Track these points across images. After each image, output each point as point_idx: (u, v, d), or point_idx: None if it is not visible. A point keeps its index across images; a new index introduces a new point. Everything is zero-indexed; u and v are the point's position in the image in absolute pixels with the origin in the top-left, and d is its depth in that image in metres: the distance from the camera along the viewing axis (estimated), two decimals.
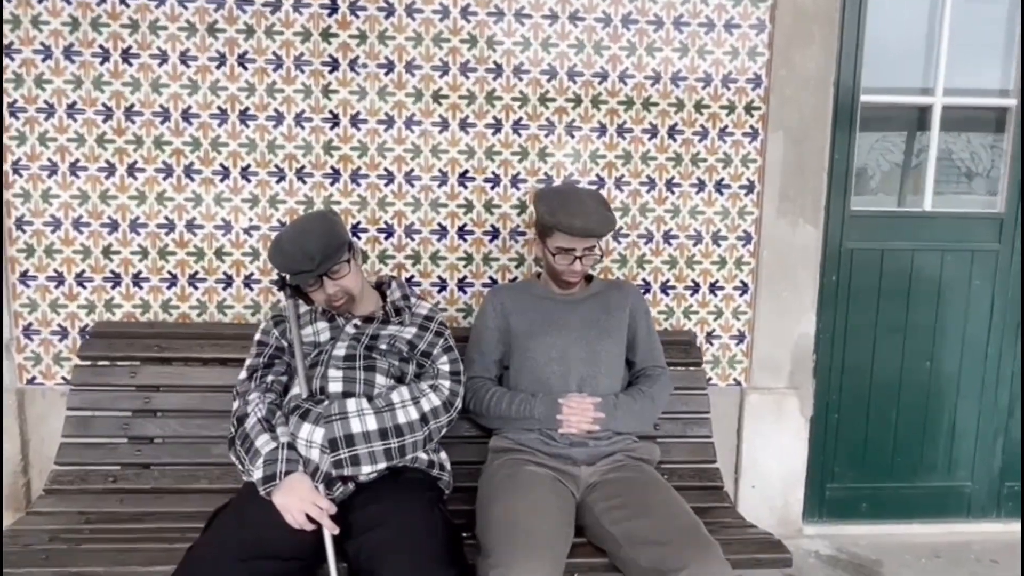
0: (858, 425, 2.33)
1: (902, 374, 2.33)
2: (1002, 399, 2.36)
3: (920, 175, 2.29)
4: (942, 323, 2.31)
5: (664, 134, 2.13)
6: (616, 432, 1.65)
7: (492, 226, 2.12)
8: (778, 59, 2.11)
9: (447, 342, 1.66)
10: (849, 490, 2.36)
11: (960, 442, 2.37)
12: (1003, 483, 2.40)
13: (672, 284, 2.21)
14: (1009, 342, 2.33)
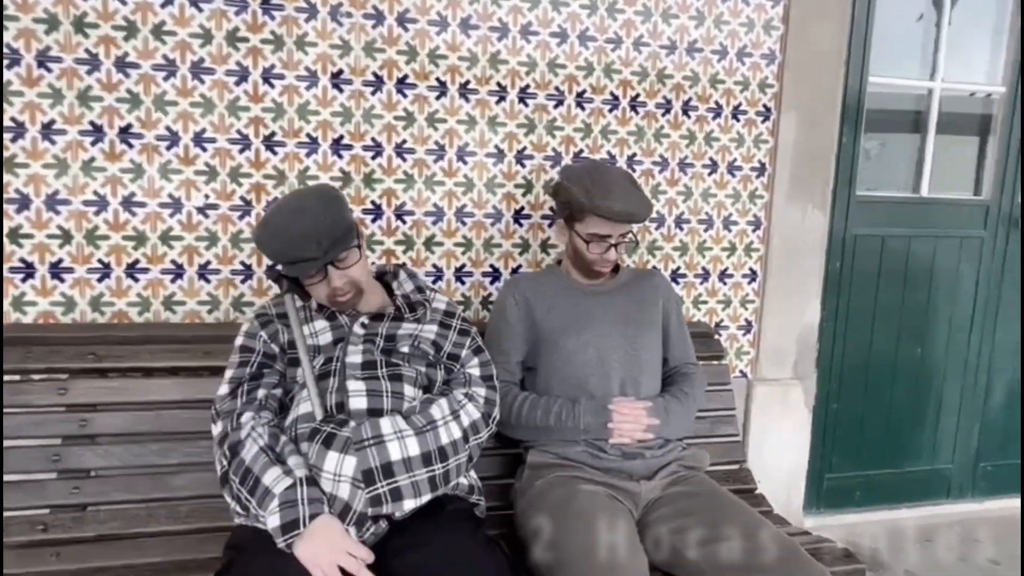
0: (855, 414, 2.31)
1: (896, 361, 2.33)
2: (981, 382, 2.41)
3: (920, 161, 2.28)
4: (933, 309, 2.33)
5: (678, 109, 1.97)
6: (666, 440, 1.47)
7: (494, 207, 1.87)
8: (793, 35, 2.00)
9: (475, 342, 1.41)
10: (845, 479, 2.34)
11: (944, 426, 2.41)
12: (978, 463, 2.47)
13: (683, 272, 2.06)
14: (989, 327, 2.39)
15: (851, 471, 2.34)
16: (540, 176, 1.89)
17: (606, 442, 1.42)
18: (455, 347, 1.37)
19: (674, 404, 1.51)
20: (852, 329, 2.25)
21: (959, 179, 2.37)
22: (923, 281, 2.29)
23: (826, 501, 2.32)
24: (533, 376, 1.58)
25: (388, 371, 1.26)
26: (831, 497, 2.32)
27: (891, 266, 2.26)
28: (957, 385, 2.39)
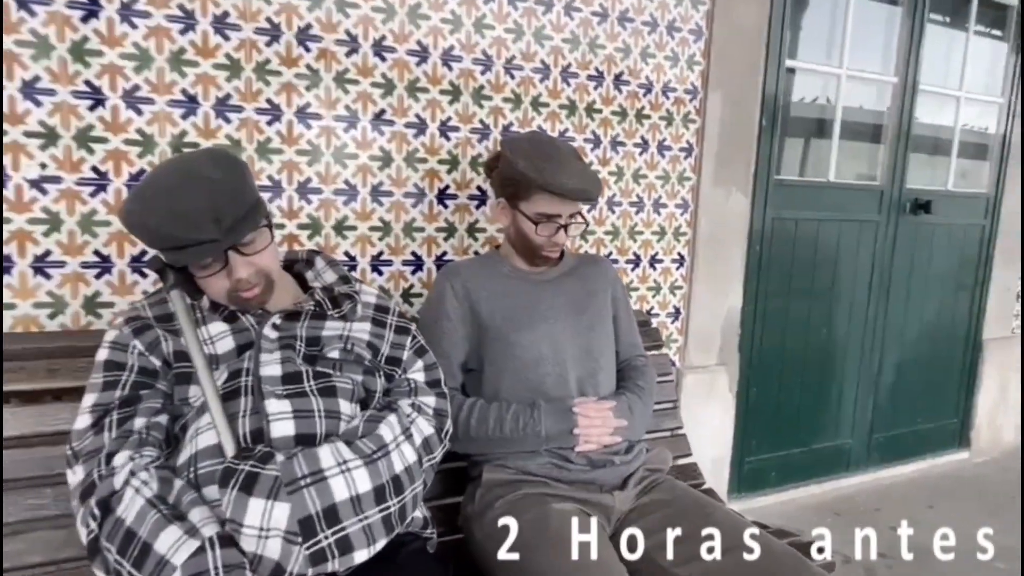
0: (771, 396, 2.33)
1: (806, 343, 2.38)
2: (875, 359, 2.54)
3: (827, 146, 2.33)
4: (837, 291, 2.40)
5: (610, 83, 1.83)
6: (631, 442, 1.33)
7: (416, 186, 1.63)
8: (719, 11, 1.94)
9: (417, 341, 1.17)
10: (762, 461, 2.36)
11: (844, 402, 2.51)
12: (872, 436, 2.60)
13: (615, 257, 1.94)
14: (882, 307, 2.51)
15: (767, 453, 2.36)
16: (467, 151, 1.67)
17: (571, 450, 1.25)
18: (394, 349, 1.13)
19: (635, 402, 1.37)
20: (769, 312, 2.26)
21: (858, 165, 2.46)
22: (829, 264, 2.36)
23: (746, 484, 2.33)
24: (477, 379, 1.37)
25: (317, 384, 1.00)
26: (750, 480, 2.34)
27: (803, 249, 2.29)
28: (855, 363, 2.50)
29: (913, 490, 2.58)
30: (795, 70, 2.16)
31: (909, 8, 2.33)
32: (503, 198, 1.38)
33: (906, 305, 2.56)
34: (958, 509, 2.42)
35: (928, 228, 2.54)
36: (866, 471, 2.59)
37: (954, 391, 2.81)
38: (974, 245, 2.72)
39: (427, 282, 1.67)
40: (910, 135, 2.42)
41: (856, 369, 2.51)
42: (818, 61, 2.22)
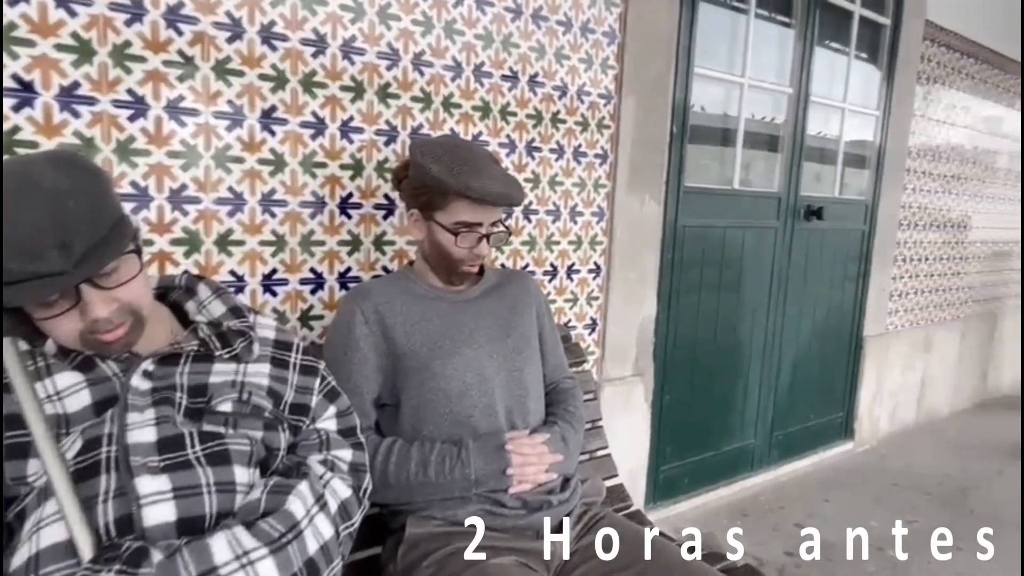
0: (683, 402, 2.33)
1: (715, 348, 2.40)
2: (774, 361, 2.62)
3: (731, 154, 2.36)
4: (743, 296, 2.45)
5: (525, 84, 1.73)
6: (566, 477, 1.23)
7: (314, 194, 1.43)
8: (632, 14, 1.89)
9: (327, 382, 1.00)
10: (676, 468, 2.36)
11: (749, 404, 2.57)
12: (773, 434, 2.69)
13: (531, 269, 1.83)
14: (780, 310, 2.59)
15: (680, 460, 2.36)
16: (372, 155, 1.50)
17: (505, 493, 1.12)
18: (300, 394, 0.95)
19: (568, 431, 1.26)
20: (681, 320, 2.25)
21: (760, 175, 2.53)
22: (735, 270, 2.40)
23: (661, 493, 2.32)
24: (393, 415, 1.21)
25: (205, 449, 0.80)
26: (665, 488, 2.33)
27: (711, 256, 2.31)
28: (758, 365, 2.57)
29: (809, 485, 2.69)
30: (702, 78, 2.15)
31: (800, 32, 2.42)
32: (415, 209, 1.23)
33: (800, 307, 2.66)
34: (850, 500, 2.56)
35: (819, 233, 2.66)
36: (768, 469, 2.67)
37: (840, 386, 2.98)
38: (855, 248, 2.89)
39: (329, 303, 1.48)
40: (803, 145, 2.51)
41: (759, 371, 2.57)
42: (722, 70, 2.24)
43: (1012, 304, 4.11)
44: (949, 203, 3.37)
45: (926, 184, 3.19)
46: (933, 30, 2.96)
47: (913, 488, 2.70)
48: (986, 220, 3.69)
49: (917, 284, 3.30)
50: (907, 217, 3.12)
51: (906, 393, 3.34)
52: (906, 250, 3.17)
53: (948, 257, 3.48)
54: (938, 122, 3.17)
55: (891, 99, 2.82)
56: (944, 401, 3.64)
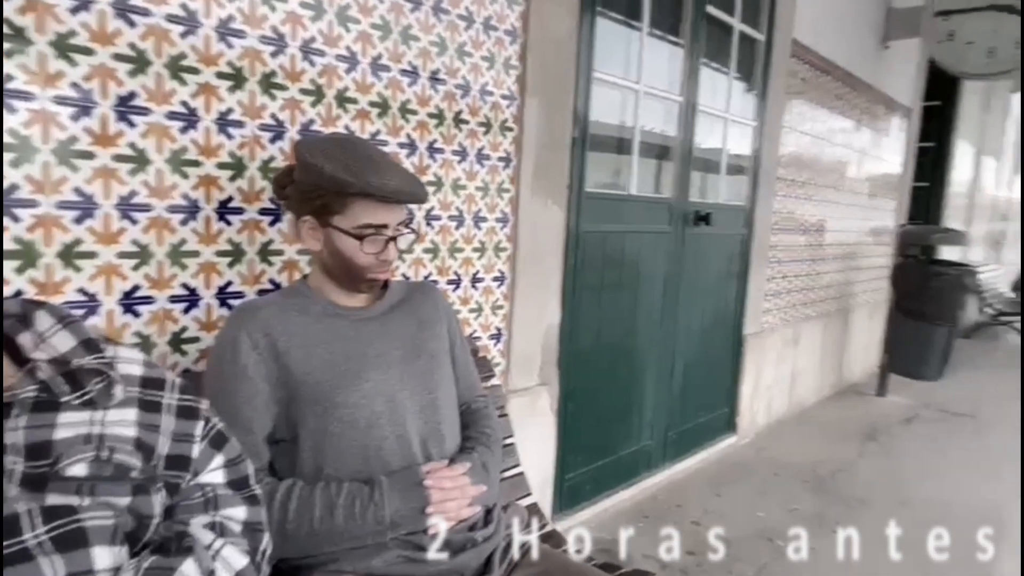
0: (586, 409, 2.31)
1: (615, 352, 2.41)
2: (668, 363, 2.69)
3: (628, 161, 2.37)
4: (639, 300, 2.48)
5: (426, 81, 1.61)
6: (488, 508, 1.13)
7: (186, 197, 1.23)
8: (534, 13, 1.83)
9: (211, 425, 0.83)
10: (580, 475, 2.33)
11: (646, 406, 2.61)
12: (667, 434, 2.75)
13: (434, 279, 1.72)
14: (672, 311, 2.66)
15: (584, 466, 2.34)
16: (255, 153, 1.32)
17: (424, 534, 1.01)
18: (178, 443, 0.78)
19: (488, 457, 1.17)
20: (583, 325, 2.23)
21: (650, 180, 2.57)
22: (632, 275, 2.42)
23: (566, 501, 2.29)
24: (290, 453, 1.06)
25: (51, 530, 0.62)
26: (569, 496, 2.30)
27: (610, 262, 2.31)
28: (654, 367, 2.61)
29: (701, 481, 2.79)
30: (601, 82, 2.14)
31: (688, 47, 2.49)
32: (309, 216, 1.08)
33: (690, 309, 2.75)
34: (739, 494, 2.67)
35: (707, 238, 2.76)
36: (664, 469, 2.73)
37: (725, 383, 3.12)
38: (737, 252, 3.03)
39: (207, 322, 1.28)
40: (692, 154, 2.59)
41: (655, 372, 2.62)
42: (620, 75, 2.24)
43: (860, 300, 4.55)
44: (811, 208, 3.65)
45: (793, 191, 3.43)
46: (798, 48, 3.18)
47: (792, 476, 2.88)
48: (839, 224, 4.04)
49: (787, 284, 3.54)
50: (777, 222, 3.33)
51: (779, 386, 3.57)
52: (778, 252, 3.38)
53: (811, 258, 3.77)
54: (801, 133, 3.41)
55: (765, 111, 3.00)
56: (810, 391, 3.95)
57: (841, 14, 3.59)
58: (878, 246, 4.66)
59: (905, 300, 3.96)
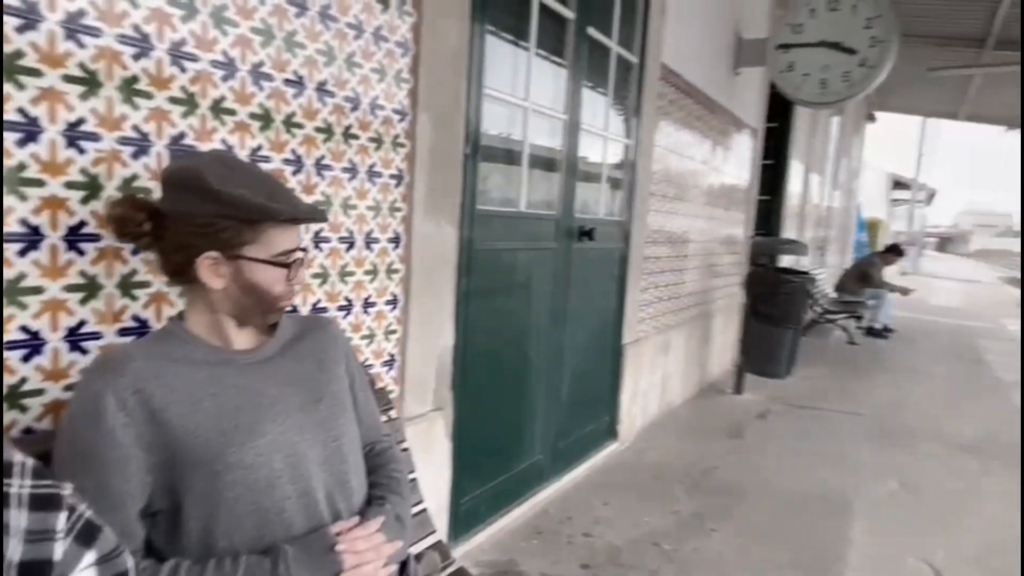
0: (481, 430, 2.27)
1: (507, 370, 2.39)
2: (556, 375, 2.71)
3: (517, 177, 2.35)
4: (529, 316, 2.47)
5: (313, 93, 1.48)
6: (402, 562, 1.05)
7: (26, 223, 1.03)
8: (426, 26, 1.76)
9: (77, 515, 0.68)
10: (475, 498, 2.28)
11: (537, 420, 2.62)
12: (556, 446, 2.78)
13: (324, 305, 1.59)
14: (559, 324, 2.69)
15: (479, 488, 2.30)
16: (114, 170, 1.13)
17: None
18: (35, 544, 0.63)
19: (400, 504, 1.09)
20: (475, 344, 2.18)
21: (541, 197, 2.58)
22: (523, 291, 2.41)
23: (462, 526, 2.22)
24: (171, 526, 0.91)
25: None
26: (465, 520, 2.24)
27: (502, 279, 2.29)
28: (543, 381, 2.63)
29: (589, 490, 2.84)
30: (492, 99, 2.11)
31: (571, 68, 2.53)
32: (214, 251, 0.95)
33: (575, 322, 2.80)
34: (624, 500, 2.76)
35: (590, 252, 2.82)
36: (553, 482, 2.75)
37: (607, 391, 3.22)
38: (616, 265, 3.14)
39: (52, 371, 1.08)
40: (576, 170, 2.64)
41: (544, 386, 2.64)
42: (509, 92, 2.22)
43: (718, 306, 4.92)
44: (677, 221, 3.89)
45: (662, 205, 3.63)
46: (666, 71, 3.37)
47: (670, 478, 3.03)
48: (699, 235, 4.34)
49: (658, 294, 3.74)
50: (650, 235, 3.50)
51: (653, 391, 3.76)
52: (650, 264, 3.56)
53: (678, 269, 4.01)
54: (669, 151, 3.62)
55: (639, 129, 3.14)
56: (678, 393, 4.20)
57: (700, 42, 3.85)
58: (732, 255, 5.07)
59: (757, 305, 4.33)
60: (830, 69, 4.02)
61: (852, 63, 3.95)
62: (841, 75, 4.01)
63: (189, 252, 0.94)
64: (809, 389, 4.81)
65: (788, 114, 6.27)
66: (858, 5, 3.90)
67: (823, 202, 9.48)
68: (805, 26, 4.08)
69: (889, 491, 3.06)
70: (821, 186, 9.09)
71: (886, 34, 3.85)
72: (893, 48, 3.83)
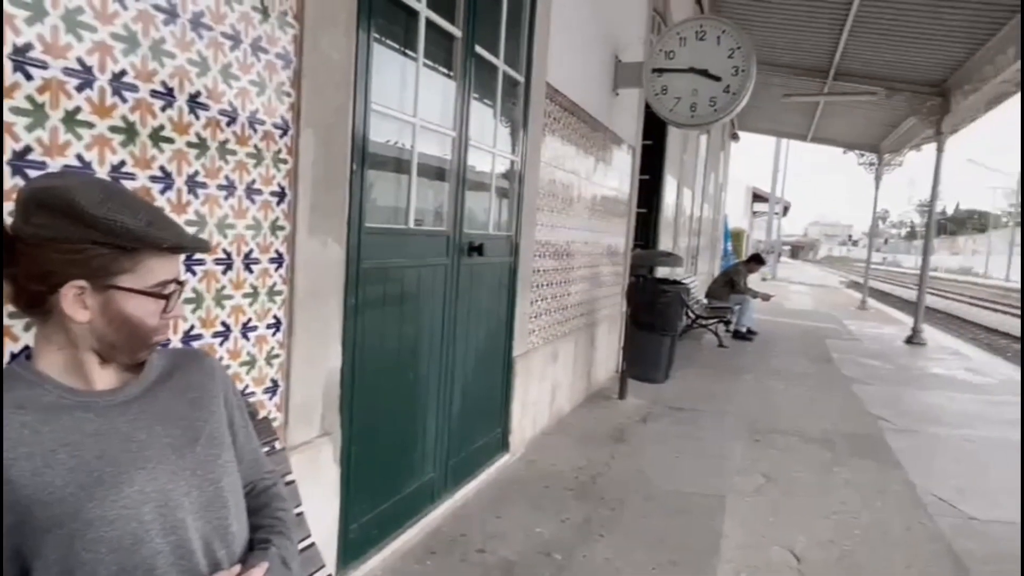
0: (372, 451, 2.20)
1: (398, 390, 2.34)
2: (447, 391, 2.70)
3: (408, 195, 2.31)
4: (420, 333, 2.44)
5: (184, 105, 1.38)
6: None
7: None
8: (308, 38, 1.70)
9: None
10: (365, 522, 2.21)
11: (428, 438, 2.59)
12: (448, 463, 2.76)
13: (198, 333, 1.48)
14: (451, 341, 2.68)
15: (369, 513, 2.23)
16: None
17: None
18: None
19: (286, 547, 1.04)
20: (366, 365, 2.12)
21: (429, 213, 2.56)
22: (413, 309, 2.38)
23: (352, 553, 2.15)
24: None
25: None
26: (355, 547, 2.16)
27: (392, 297, 2.24)
28: (435, 399, 2.60)
29: (482, 505, 2.85)
30: (379, 115, 2.07)
31: (459, 83, 2.54)
32: (82, 280, 0.85)
33: (467, 337, 2.80)
34: (516, 512, 2.79)
35: (480, 267, 2.84)
36: (446, 499, 2.73)
37: (498, 404, 3.25)
38: (505, 279, 3.19)
39: None
40: (466, 185, 2.65)
41: (436, 402, 2.61)
42: (397, 108, 2.19)
43: (602, 315, 5.12)
44: (563, 234, 4.01)
45: (549, 219, 3.73)
46: (551, 90, 3.47)
47: (560, 487, 3.10)
48: (584, 247, 4.50)
49: (547, 306, 3.83)
50: (538, 248, 3.58)
51: (543, 400, 3.84)
52: (538, 277, 3.64)
53: (565, 280, 4.13)
54: (554, 167, 3.73)
55: (526, 145, 3.21)
56: (566, 401, 4.32)
57: (583, 63, 4.01)
58: (614, 265, 5.31)
59: (637, 314, 4.56)
60: (698, 93, 4.32)
61: (718, 89, 4.27)
62: (708, 99, 4.33)
63: (50, 281, 0.85)
64: (686, 391, 5.12)
65: (662, 133, 6.67)
66: (722, 37, 4.23)
67: (695, 214, 10.16)
68: (676, 53, 4.37)
69: (756, 485, 3.32)
70: (692, 199, 9.75)
71: (746, 64, 4.20)
72: (752, 77, 4.19)
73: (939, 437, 4.40)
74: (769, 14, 7.54)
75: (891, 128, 11.23)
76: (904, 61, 8.03)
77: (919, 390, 5.89)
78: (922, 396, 5.65)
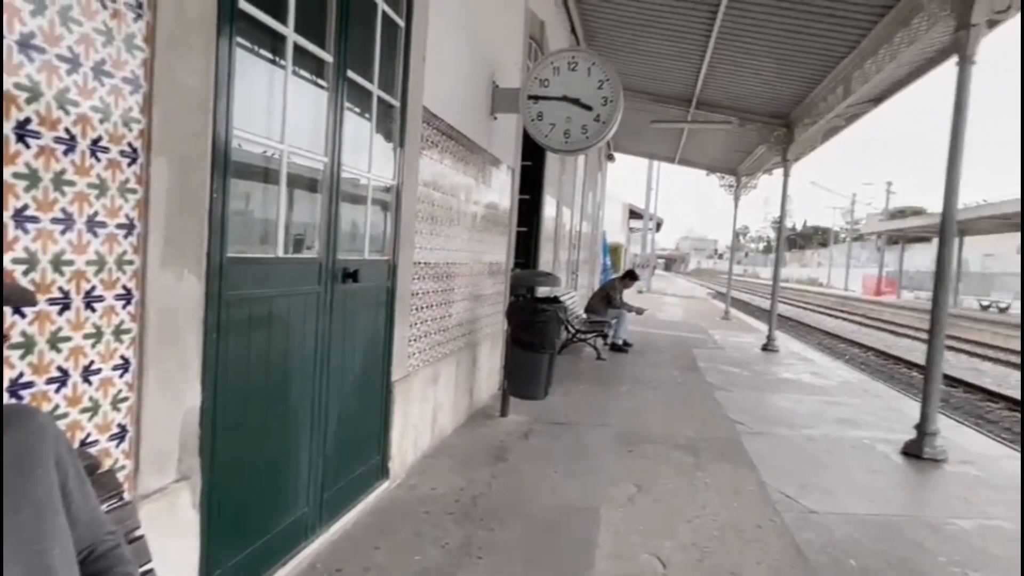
0: (236, 494, 2.09)
1: (268, 425, 2.24)
2: (322, 422, 2.62)
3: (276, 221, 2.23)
4: (291, 364, 2.35)
5: (11, 134, 1.26)
6: None
7: None
8: (160, 61, 1.61)
9: None
10: (231, 568, 2.08)
11: (301, 472, 2.49)
12: (323, 495, 2.67)
13: (29, 380, 1.35)
14: (324, 371, 2.60)
15: (234, 557, 2.11)
16: None
17: None
18: None
19: None
20: (230, 402, 2.02)
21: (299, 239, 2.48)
22: (282, 339, 2.29)
23: None
24: None
25: None
26: None
27: (259, 329, 2.15)
28: (308, 431, 2.52)
29: (359, 536, 2.78)
30: (242, 140, 2.00)
31: (331, 114, 2.51)
32: None
33: (342, 366, 2.74)
34: (396, 541, 2.75)
35: (355, 293, 2.79)
36: (321, 533, 2.64)
37: (376, 430, 3.20)
38: (383, 303, 3.15)
39: None
40: (339, 210, 2.60)
41: (307, 436, 2.53)
42: (263, 135, 2.12)
43: (484, 334, 5.19)
44: (443, 256, 4.03)
45: (428, 241, 3.74)
46: (428, 115, 3.50)
47: (440, 511, 3.09)
48: (465, 268, 4.56)
49: (427, 328, 3.82)
50: (416, 271, 3.58)
51: (424, 423, 3.82)
52: (417, 300, 3.63)
53: (445, 302, 4.15)
54: (433, 189, 3.75)
55: (403, 169, 3.20)
56: (448, 421, 4.32)
57: (460, 88, 4.08)
58: (495, 284, 5.40)
59: (517, 333, 4.66)
60: (572, 121, 4.52)
61: (589, 117, 4.49)
62: (581, 127, 4.54)
63: None
64: (565, 406, 5.30)
65: (541, 154, 6.89)
66: (592, 68, 4.47)
67: (574, 230, 10.57)
68: (551, 81, 4.55)
69: (629, 494, 3.49)
70: (572, 217, 10.14)
71: (614, 95, 4.46)
72: (620, 107, 4.46)
73: (787, 438, 4.86)
74: (637, 44, 8.06)
75: (746, 154, 12.33)
76: (755, 95, 8.89)
77: (772, 394, 6.47)
78: (774, 400, 6.21)
